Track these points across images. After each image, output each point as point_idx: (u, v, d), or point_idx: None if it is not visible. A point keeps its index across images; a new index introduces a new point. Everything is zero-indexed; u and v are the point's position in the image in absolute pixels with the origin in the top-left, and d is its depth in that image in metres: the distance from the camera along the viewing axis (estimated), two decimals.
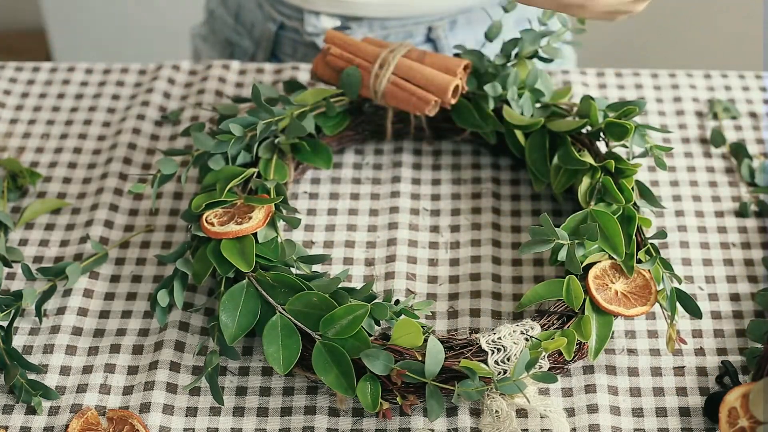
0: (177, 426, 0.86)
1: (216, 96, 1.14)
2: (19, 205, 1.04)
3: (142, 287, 0.96)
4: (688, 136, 1.10)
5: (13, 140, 1.10)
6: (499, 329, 0.85)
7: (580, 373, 0.89)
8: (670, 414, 0.86)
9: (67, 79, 1.17)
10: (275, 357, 0.84)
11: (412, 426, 0.85)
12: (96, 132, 1.11)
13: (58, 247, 1.00)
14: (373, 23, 1.19)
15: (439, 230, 1.01)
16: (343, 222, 1.01)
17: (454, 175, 1.05)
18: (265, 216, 0.91)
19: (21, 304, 0.91)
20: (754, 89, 1.14)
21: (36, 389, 0.87)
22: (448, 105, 0.99)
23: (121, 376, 0.89)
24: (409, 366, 0.83)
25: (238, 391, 0.88)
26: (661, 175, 1.05)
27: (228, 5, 1.32)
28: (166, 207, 1.03)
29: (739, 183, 1.05)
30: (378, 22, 1.19)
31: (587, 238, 0.89)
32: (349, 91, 1.01)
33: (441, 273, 0.97)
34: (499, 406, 0.83)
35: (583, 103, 0.99)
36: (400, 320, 0.84)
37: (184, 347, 0.91)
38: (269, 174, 0.98)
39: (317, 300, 0.85)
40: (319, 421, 0.86)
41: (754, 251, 0.98)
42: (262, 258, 0.90)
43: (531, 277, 0.96)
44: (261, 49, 1.28)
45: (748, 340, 0.91)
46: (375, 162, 1.07)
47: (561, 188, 0.98)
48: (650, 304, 0.88)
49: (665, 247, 0.98)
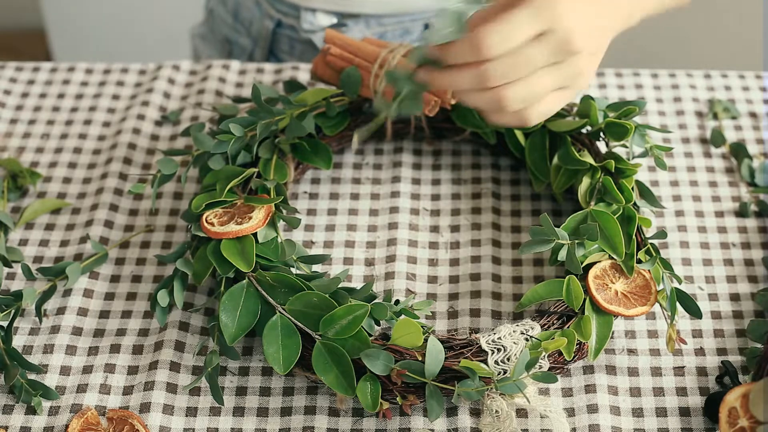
0: (177, 426, 0.86)
1: (216, 96, 1.14)
2: (19, 205, 1.04)
3: (142, 287, 0.96)
4: (688, 136, 1.10)
5: (13, 140, 1.10)
6: (499, 329, 0.85)
7: (580, 373, 0.89)
8: (670, 414, 0.86)
9: (67, 79, 1.17)
10: (275, 357, 0.84)
11: (412, 426, 0.85)
12: (96, 132, 1.11)
13: (58, 247, 1.00)
14: (369, 20, 1.19)
15: (439, 230, 1.01)
16: (343, 222, 1.01)
17: (454, 175, 1.05)
18: (265, 216, 0.91)
19: (21, 304, 0.91)
20: (754, 89, 1.14)
21: (36, 389, 0.87)
22: (448, 105, 0.99)
23: (121, 376, 0.89)
24: (409, 366, 0.83)
25: (238, 391, 0.88)
26: (661, 175, 1.05)
27: (227, 3, 1.32)
28: (166, 207, 1.03)
29: (739, 183, 1.05)
30: (374, 19, 1.19)
31: (587, 238, 0.89)
32: (349, 91, 1.01)
33: (441, 273, 0.97)
34: (499, 406, 0.83)
35: (583, 103, 0.99)
36: (400, 320, 0.84)
37: (184, 347, 0.91)
38: (269, 174, 0.98)
39: (317, 300, 0.85)
40: (319, 421, 0.86)
41: (754, 251, 0.98)
42: (262, 258, 0.90)
43: (531, 277, 0.96)
44: (259, 47, 1.28)
45: (748, 340, 0.92)
46: (375, 162, 1.07)
47: (561, 188, 0.98)
48: (650, 304, 0.88)
49: (665, 247, 0.98)
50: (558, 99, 0.85)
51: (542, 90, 0.83)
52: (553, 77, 0.83)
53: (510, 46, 0.79)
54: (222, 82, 1.16)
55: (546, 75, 0.82)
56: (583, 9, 0.82)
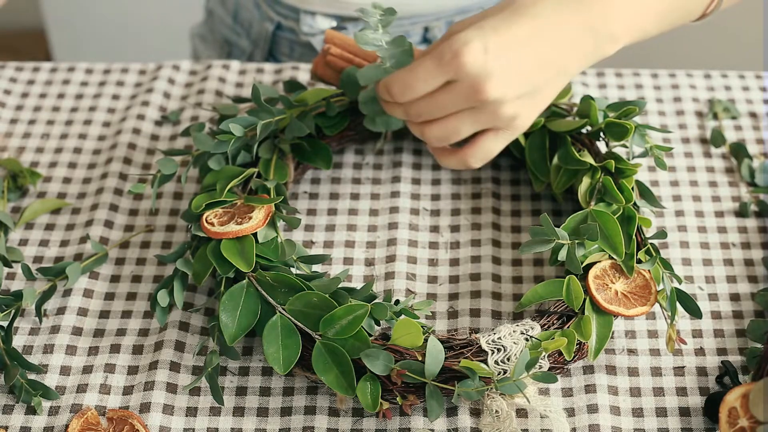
0: (177, 426, 0.86)
1: (216, 96, 1.14)
2: (19, 205, 1.04)
3: (142, 287, 0.96)
4: (688, 136, 1.10)
5: (13, 140, 1.10)
6: (499, 329, 0.85)
7: (580, 373, 0.89)
8: (670, 414, 0.86)
9: (67, 79, 1.17)
10: (275, 357, 0.84)
11: (412, 426, 0.85)
12: (96, 132, 1.11)
13: (58, 247, 1.00)
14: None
15: (439, 230, 1.01)
16: (343, 222, 1.01)
17: (454, 175, 1.05)
18: (265, 216, 0.91)
19: (21, 304, 0.91)
20: (754, 89, 1.14)
21: (36, 389, 0.87)
22: None
23: (121, 376, 0.89)
24: (409, 366, 0.83)
25: (238, 391, 0.88)
26: (661, 175, 1.05)
27: (226, 5, 1.32)
28: (166, 207, 1.03)
29: (739, 183, 1.05)
30: None
31: (587, 238, 0.89)
32: (349, 91, 1.01)
33: (441, 273, 0.97)
34: (499, 406, 0.83)
35: (583, 103, 0.99)
36: (400, 320, 0.84)
37: (184, 347, 0.91)
38: (269, 174, 0.98)
39: (317, 300, 0.85)
40: (319, 421, 0.86)
41: (754, 251, 0.98)
42: (262, 258, 0.90)
43: (531, 277, 0.96)
44: (258, 48, 1.28)
45: (748, 340, 0.92)
46: (375, 162, 1.07)
47: (561, 188, 0.98)
48: (650, 304, 0.88)
49: (665, 247, 0.98)
50: (494, 141, 0.87)
51: (460, 131, 0.84)
52: (472, 120, 0.84)
53: (413, 95, 0.82)
54: (222, 82, 1.16)
55: (464, 118, 0.84)
56: (501, 54, 0.81)
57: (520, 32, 0.82)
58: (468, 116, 0.84)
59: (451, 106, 0.83)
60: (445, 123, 0.84)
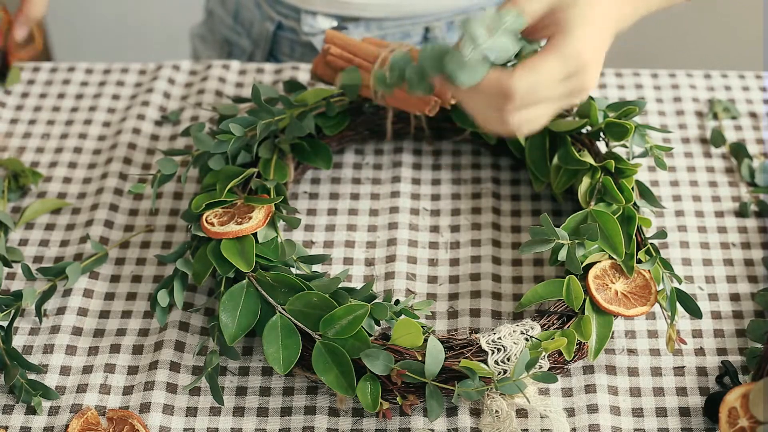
0: (177, 426, 0.86)
1: (216, 96, 1.14)
2: (20, 205, 1.04)
3: (142, 287, 0.96)
4: (688, 136, 1.10)
5: (14, 140, 1.10)
6: (499, 329, 0.85)
7: (580, 373, 0.89)
8: (670, 414, 0.86)
9: (67, 79, 1.17)
10: (275, 357, 0.84)
11: (412, 426, 0.85)
12: (96, 132, 1.11)
13: (58, 247, 1.00)
14: (370, 23, 1.19)
15: (439, 230, 1.01)
16: (343, 222, 1.01)
17: (454, 175, 1.05)
18: (265, 216, 0.91)
19: (21, 304, 0.91)
20: (754, 89, 1.14)
21: (36, 389, 0.87)
22: (448, 105, 0.99)
23: (121, 376, 0.89)
24: (409, 366, 0.83)
25: (238, 391, 0.88)
26: (661, 175, 1.05)
27: (227, 5, 1.32)
28: (166, 207, 1.03)
29: (739, 183, 1.05)
30: (375, 23, 1.19)
31: (587, 238, 0.89)
32: (349, 91, 1.01)
33: (441, 273, 0.97)
34: (499, 406, 0.83)
35: (583, 103, 0.99)
36: (400, 320, 0.84)
37: (184, 347, 0.91)
38: (269, 174, 0.98)
39: (317, 300, 0.85)
40: (319, 421, 0.86)
41: (754, 251, 0.98)
42: (262, 258, 0.90)
43: (531, 277, 0.96)
44: (259, 48, 1.28)
45: (748, 340, 0.92)
46: (375, 162, 1.07)
47: (561, 188, 0.98)
48: (650, 304, 0.88)
49: (665, 247, 0.98)
50: (550, 114, 0.86)
51: (548, 115, 0.83)
52: (561, 103, 0.83)
53: (537, 96, 0.79)
54: (222, 82, 1.16)
55: (556, 102, 0.82)
56: (596, 35, 0.82)
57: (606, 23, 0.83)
58: (561, 100, 0.82)
59: (557, 95, 0.81)
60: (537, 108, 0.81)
